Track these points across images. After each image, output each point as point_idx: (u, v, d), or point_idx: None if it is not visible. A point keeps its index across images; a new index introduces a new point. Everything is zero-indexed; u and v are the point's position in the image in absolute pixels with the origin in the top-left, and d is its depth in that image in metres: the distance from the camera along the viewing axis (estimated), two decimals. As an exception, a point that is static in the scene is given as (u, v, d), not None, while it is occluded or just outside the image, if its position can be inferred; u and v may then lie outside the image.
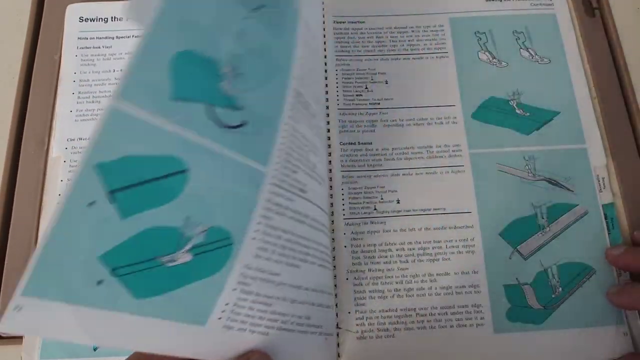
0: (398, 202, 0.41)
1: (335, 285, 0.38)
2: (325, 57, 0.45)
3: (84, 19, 0.47)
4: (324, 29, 0.46)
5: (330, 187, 0.41)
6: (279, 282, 0.30)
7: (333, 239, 0.40)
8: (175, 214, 0.25)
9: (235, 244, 0.28)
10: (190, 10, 0.25)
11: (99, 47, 0.46)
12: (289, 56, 0.31)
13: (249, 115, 0.27)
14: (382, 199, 0.41)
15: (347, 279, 0.39)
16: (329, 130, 0.43)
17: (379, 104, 0.44)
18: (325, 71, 0.45)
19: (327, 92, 0.44)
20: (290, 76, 0.31)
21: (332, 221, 0.40)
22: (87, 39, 0.46)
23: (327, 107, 0.44)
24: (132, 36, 0.46)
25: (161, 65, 0.24)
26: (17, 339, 0.37)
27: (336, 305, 0.38)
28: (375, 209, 0.41)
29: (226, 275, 0.28)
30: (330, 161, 0.42)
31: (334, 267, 0.39)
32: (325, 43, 0.46)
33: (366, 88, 0.45)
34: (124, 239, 0.24)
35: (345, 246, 0.39)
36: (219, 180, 0.27)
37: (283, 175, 0.30)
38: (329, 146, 0.42)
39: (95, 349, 0.35)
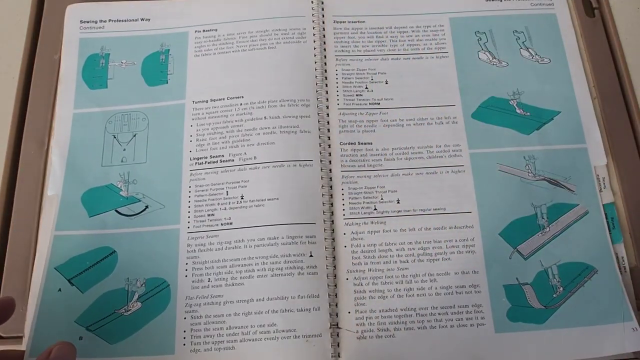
0: (398, 202, 0.41)
1: (335, 285, 0.38)
2: (325, 57, 0.45)
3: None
4: (324, 29, 0.46)
5: (330, 187, 0.41)
6: (224, 301, 0.38)
7: (333, 239, 0.40)
8: (117, 279, 0.38)
9: (171, 285, 0.38)
10: (81, 164, 0.42)
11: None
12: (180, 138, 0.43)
13: (149, 200, 0.41)
14: (382, 199, 0.41)
15: (347, 279, 0.39)
16: (329, 130, 0.43)
17: (379, 104, 0.44)
18: (325, 71, 0.45)
19: (327, 92, 0.44)
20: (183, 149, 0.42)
21: (332, 221, 0.40)
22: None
23: (327, 107, 0.44)
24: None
25: (76, 201, 0.41)
26: (17, 339, 0.37)
27: (336, 305, 0.38)
28: (375, 209, 0.41)
29: (173, 309, 0.38)
30: (330, 161, 0.42)
31: (334, 267, 0.39)
32: (325, 43, 0.46)
33: (366, 88, 0.45)
34: (89, 305, 0.38)
35: (345, 246, 0.39)
36: (142, 247, 0.39)
37: (199, 221, 0.40)
38: (329, 146, 0.42)
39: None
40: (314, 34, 0.46)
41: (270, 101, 0.43)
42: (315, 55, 0.45)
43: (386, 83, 0.45)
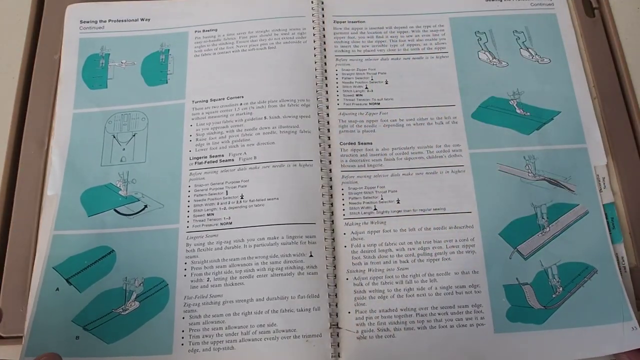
0: (398, 202, 0.41)
1: (335, 285, 0.38)
2: (325, 57, 0.45)
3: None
4: (324, 29, 0.46)
5: (330, 187, 0.41)
6: (223, 301, 0.37)
7: (333, 239, 0.40)
8: (115, 279, 0.38)
9: (170, 285, 0.38)
10: (81, 164, 0.42)
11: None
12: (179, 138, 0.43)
13: (148, 199, 0.41)
14: (382, 199, 0.41)
15: (347, 279, 0.39)
16: (329, 130, 0.43)
17: (379, 104, 0.44)
18: (325, 71, 0.45)
19: (327, 92, 0.44)
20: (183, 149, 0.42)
21: (332, 221, 0.40)
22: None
23: (327, 107, 0.44)
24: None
25: (75, 200, 0.40)
26: (17, 339, 0.37)
27: (336, 305, 0.38)
28: (375, 209, 0.40)
29: (171, 309, 0.38)
30: (330, 161, 0.42)
31: (334, 267, 0.39)
32: (325, 43, 0.46)
33: (366, 88, 0.45)
34: (86, 304, 0.38)
35: (345, 246, 0.39)
36: (140, 246, 0.39)
37: (198, 221, 0.40)
38: (329, 146, 0.42)
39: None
40: (314, 34, 0.46)
41: (270, 101, 0.43)
42: (315, 55, 0.45)
43: (386, 83, 0.45)
